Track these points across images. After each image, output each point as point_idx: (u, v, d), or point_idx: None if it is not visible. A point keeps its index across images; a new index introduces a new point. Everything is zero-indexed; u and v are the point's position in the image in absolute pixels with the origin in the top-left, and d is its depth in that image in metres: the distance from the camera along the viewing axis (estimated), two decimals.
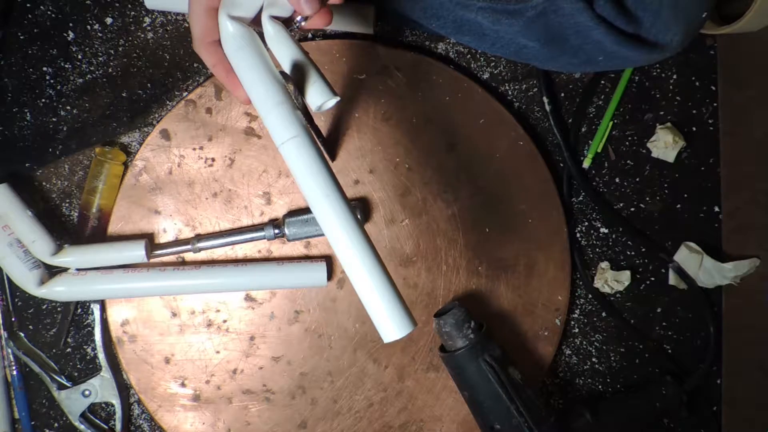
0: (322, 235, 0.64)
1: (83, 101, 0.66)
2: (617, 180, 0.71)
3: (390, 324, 0.40)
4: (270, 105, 0.43)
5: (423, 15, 0.59)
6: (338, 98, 0.46)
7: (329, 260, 0.65)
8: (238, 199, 0.65)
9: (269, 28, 0.46)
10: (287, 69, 0.46)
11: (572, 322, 0.70)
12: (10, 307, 0.66)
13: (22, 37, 0.66)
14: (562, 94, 0.70)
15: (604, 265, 0.70)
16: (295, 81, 0.45)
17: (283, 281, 0.63)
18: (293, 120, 0.43)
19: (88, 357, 0.67)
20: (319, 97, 0.45)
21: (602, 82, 0.70)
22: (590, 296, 0.70)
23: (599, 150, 0.70)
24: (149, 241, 0.63)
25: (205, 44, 0.47)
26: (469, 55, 0.69)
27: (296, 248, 0.66)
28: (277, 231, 0.63)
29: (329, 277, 0.65)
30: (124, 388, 0.66)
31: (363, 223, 0.64)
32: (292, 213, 0.64)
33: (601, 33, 0.51)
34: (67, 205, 0.66)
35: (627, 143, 0.71)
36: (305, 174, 0.42)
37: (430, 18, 0.59)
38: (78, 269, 0.62)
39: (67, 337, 0.66)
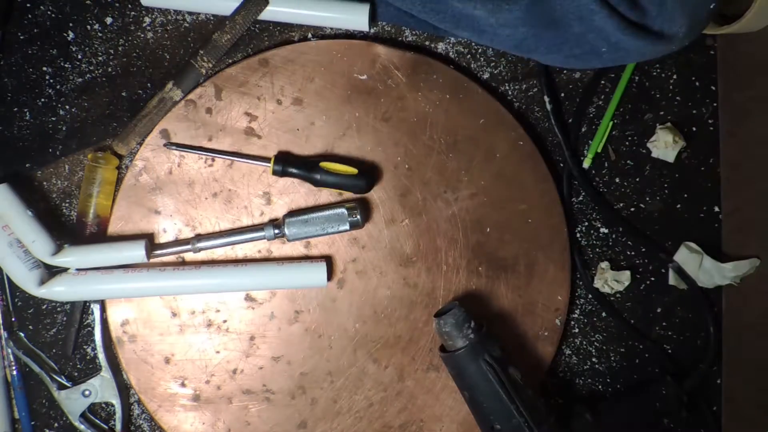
0: (323, 235, 0.64)
1: (83, 101, 0.66)
2: (617, 180, 0.71)
3: None
4: None
5: (422, 9, 0.59)
6: None
7: (329, 260, 0.65)
8: (238, 199, 0.65)
9: None
10: None
11: (572, 322, 0.70)
12: (10, 307, 0.66)
13: (22, 37, 0.66)
14: (563, 94, 0.70)
15: (604, 265, 0.70)
16: None
17: (283, 281, 0.63)
18: None
19: (88, 357, 0.67)
20: None
21: (602, 82, 0.70)
22: (590, 296, 0.70)
23: (599, 150, 0.70)
24: (149, 241, 0.63)
25: None
26: (469, 55, 0.69)
27: (296, 248, 0.66)
28: (277, 231, 0.63)
29: (329, 277, 0.65)
30: (124, 388, 0.66)
31: (363, 223, 0.64)
32: (292, 213, 0.64)
33: (603, 17, 0.49)
34: (67, 205, 0.66)
35: (627, 143, 0.71)
36: None
37: (429, 13, 0.58)
38: (78, 269, 0.62)
39: (75, 348, 0.66)
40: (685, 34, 0.50)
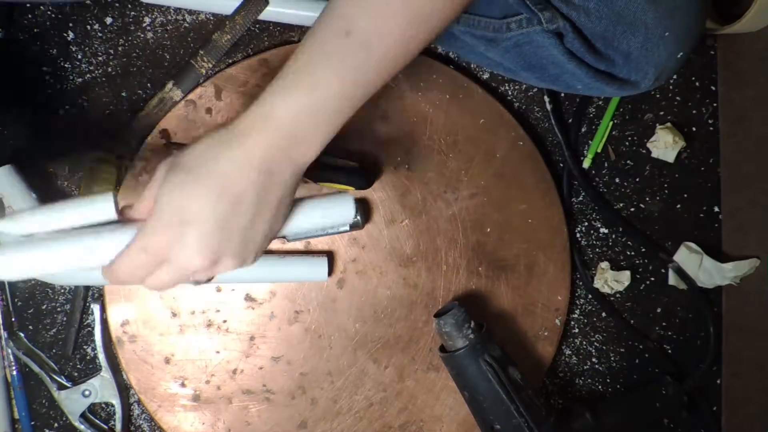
0: (323, 235, 0.64)
1: (83, 101, 0.66)
2: (617, 180, 0.71)
3: None
4: None
5: (438, 43, 0.61)
6: None
7: (330, 255, 0.65)
8: None
9: None
10: None
11: (572, 322, 0.70)
12: (10, 307, 0.66)
13: (22, 37, 0.66)
14: (563, 94, 0.70)
15: (604, 265, 0.70)
16: None
17: (283, 274, 0.62)
18: None
19: (88, 357, 0.67)
20: None
21: None
22: (590, 296, 0.70)
23: (599, 150, 0.70)
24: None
25: None
26: None
27: (296, 248, 0.65)
28: None
29: (330, 272, 0.65)
30: (124, 388, 0.66)
31: (363, 224, 0.64)
32: None
33: (574, 66, 0.52)
34: None
35: (627, 143, 0.71)
36: None
37: (443, 44, 0.60)
38: (29, 234, 0.43)
39: (75, 348, 0.66)
40: (651, 81, 0.53)
